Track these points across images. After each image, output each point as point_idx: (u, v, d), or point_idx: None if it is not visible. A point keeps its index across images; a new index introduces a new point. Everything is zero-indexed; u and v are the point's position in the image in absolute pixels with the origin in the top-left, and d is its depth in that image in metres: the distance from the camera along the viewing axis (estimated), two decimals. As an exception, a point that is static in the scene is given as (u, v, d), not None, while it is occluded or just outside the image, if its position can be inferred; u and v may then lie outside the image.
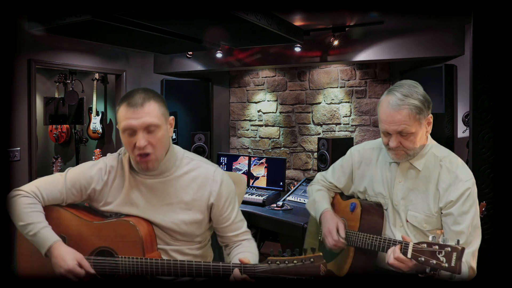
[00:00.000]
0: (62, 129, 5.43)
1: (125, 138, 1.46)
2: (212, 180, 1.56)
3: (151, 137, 1.44)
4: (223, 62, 4.23)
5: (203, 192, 1.55)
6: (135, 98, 1.43)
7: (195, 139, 4.01)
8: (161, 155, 1.49)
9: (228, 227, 1.58)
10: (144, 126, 1.42)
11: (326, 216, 1.73)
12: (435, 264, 1.31)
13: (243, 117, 4.76)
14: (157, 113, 1.45)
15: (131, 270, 1.39)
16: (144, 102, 1.43)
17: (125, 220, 1.48)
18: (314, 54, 3.84)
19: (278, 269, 1.29)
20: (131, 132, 1.43)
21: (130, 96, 1.45)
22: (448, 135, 3.27)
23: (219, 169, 1.62)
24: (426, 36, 3.33)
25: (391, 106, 1.50)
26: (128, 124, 1.42)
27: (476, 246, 1.49)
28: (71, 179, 1.55)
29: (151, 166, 1.47)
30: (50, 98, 4.98)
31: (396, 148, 1.54)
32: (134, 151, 1.45)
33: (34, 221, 1.44)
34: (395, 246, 1.42)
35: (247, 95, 4.72)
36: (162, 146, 1.47)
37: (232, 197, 1.61)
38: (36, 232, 1.43)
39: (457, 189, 1.49)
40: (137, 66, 4.52)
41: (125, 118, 1.43)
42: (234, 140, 4.85)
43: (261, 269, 1.30)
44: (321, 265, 1.28)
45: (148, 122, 1.42)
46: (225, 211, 1.57)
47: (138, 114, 1.41)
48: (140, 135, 1.42)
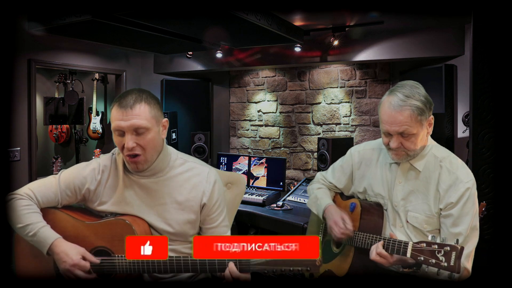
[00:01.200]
0: (62, 129, 5.43)
1: (116, 138, 1.48)
2: (206, 181, 1.57)
3: (139, 139, 1.45)
4: (223, 62, 4.23)
5: (196, 193, 1.55)
6: (127, 99, 1.44)
7: (195, 139, 4.01)
8: (151, 156, 1.49)
9: (214, 229, 1.59)
10: (132, 128, 1.43)
11: (330, 210, 1.73)
12: (435, 263, 1.31)
13: (243, 117, 4.76)
14: (147, 116, 1.45)
15: (128, 269, 1.40)
16: (135, 104, 1.43)
17: (121, 219, 1.49)
18: (314, 54, 3.84)
19: (273, 261, 1.28)
20: (121, 133, 1.45)
21: (122, 97, 1.46)
22: (448, 135, 3.27)
23: (212, 170, 1.63)
24: (426, 36, 3.33)
25: (392, 106, 1.49)
26: (117, 125, 1.44)
27: (472, 248, 1.49)
28: (65, 180, 1.55)
29: (140, 167, 1.48)
30: (50, 98, 4.98)
31: (396, 148, 1.53)
32: (124, 151, 1.47)
33: (32, 222, 1.45)
34: (378, 242, 1.47)
35: (247, 95, 4.72)
36: (151, 148, 1.48)
37: (222, 200, 1.62)
38: (36, 232, 1.43)
39: (457, 190, 1.49)
40: (137, 66, 4.52)
41: (115, 119, 1.45)
42: (234, 140, 4.85)
43: (257, 262, 1.29)
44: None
45: (136, 124, 1.43)
46: (213, 212, 1.58)
47: (127, 115, 1.42)
48: (128, 136, 1.43)
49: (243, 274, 1.31)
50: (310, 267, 1.26)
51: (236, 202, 1.93)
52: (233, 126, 4.84)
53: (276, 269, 1.28)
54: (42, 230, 1.44)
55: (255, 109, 4.67)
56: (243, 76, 4.71)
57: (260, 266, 1.29)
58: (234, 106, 4.81)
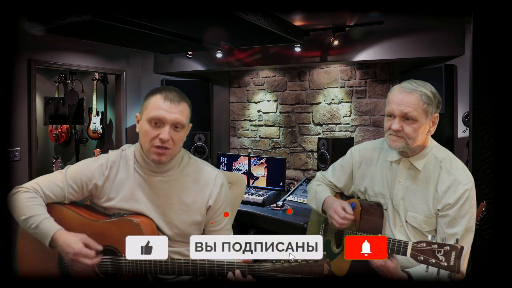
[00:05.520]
0: (62, 129, 5.43)
1: (148, 127, 1.48)
2: (214, 184, 1.58)
3: (174, 134, 1.48)
4: (223, 62, 4.23)
5: (203, 195, 1.56)
6: (173, 93, 1.49)
7: (195, 139, 4.01)
8: (175, 153, 1.53)
9: (217, 232, 1.59)
10: (174, 122, 1.47)
11: (329, 200, 1.73)
12: (434, 263, 1.31)
13: (243, 117, 4.76)
14: (187, 115, 1.51)
15: (134, 269, 1.39)
16: (181, 100, 1.49)
17: (129, 219, 1.49)
18: (314, 54, 3.84)
19: (282, 268, 1.28)
20: (159, 124, 1.46)
21: (168, 90, 1.50)
22: (448, 135, 3.27)
23: (220, 173, 1.63)
24: (426, 36, 3.33)
25: (403, 89, 1.54)
26: (160, 115, 1.45)
27: (467, 249, 1.49)
28: (72, 175, 1.55)
29: (163, 159, 1.49)
30: (50, 98, 4.98)
31: (397, 131, 1.53)
32: (153, 142, 1.47)
33: (35, 214, 1.44)
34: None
35: (247, 95, 4.72)
36: (179, 145, 1.53)
37: (227, 204, 1.62)
38: (38, 224, 1.42)
39: (456, 191, 1.49)
40: (137, 66, 4.52)
41: (158, 109, 1.46)
42: (234, 140, 4.85)
43: (265, 268, 1.30)
44: (325, 264, 1.28)
45: (179, 119, 1.47)
46: (218, 215, 1.58)
47: (173, 109, 1.46)
48: (166, 129, 1.45)
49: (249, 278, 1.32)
50: (318, 275, 1.28)
51: (236, 202, 1.93)
52: (233, 126, 4.84)
53: (284, 276, 1.28)
54: (44, 222, 1.43)
55: (255, 109, 4.67)
56: (243, 76, 4.71)
57: (268, 272, 1.30)
58: (234, 106, 4.81)
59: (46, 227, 1.42)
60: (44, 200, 1.51)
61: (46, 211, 1.48)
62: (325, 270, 1.27)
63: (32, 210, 1.45)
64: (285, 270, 1.28)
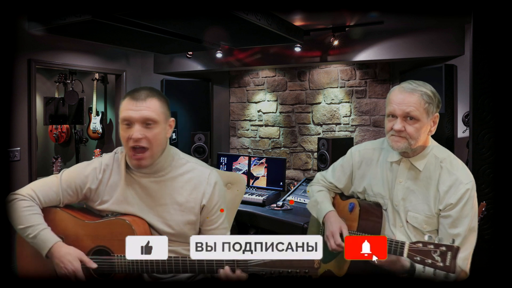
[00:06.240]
0: (62, 129, 5.43)
1: (122, 130, 1.48)
2: (207, 183, 1.57)
3: (147, 132, 1.46)
4: (223, 62, 4.23)
5: (197, 194, 1.55)
6: (140, 92, 1.48)
7: (195, 139, 4.01)
8: (156, 153, 1.50)
9: (212, 231, 1.58)
10: (142, 119, 1.44)
11: (330, 218, 1.73)
12: (431, 263, 1.31)
13: (243, 117, 4.76)
14: (158, 110, 1.48)
15: (127, 268, 1.40)
16: (147, 97, 1.47)
17: (121, 219, 1.49)
18: (314, 54, 3.84)
19: (271, 262, 1.28)
20: (129, 124, 1.46)
21: (136, 90, 1.49)
22: (448, 135, 3.27)
23: (214, 171, 1.62)
24: (426, 36, 3.33)
25: (403, 89, 1.54)
26: (127, 115, 1.45)
27: (470, 250, 1.49)
28: (66, 180, 1.56)
29: (144, 163, 1.48)
30: (50, 98, 4.99)
31: (399, 131, 1.53)
32: (128, 144, 1.46)
33: (33, 224, 1.45)
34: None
35: (247, 95, 4.72)
36: (157, 143, 1.49)
37: (222, 202, 1.61)
38: (36, 234, 1.44)
39: (457, 191, 1.49)
40: (137, 66, 4.52)
41: (126, 109, 1.46)
42: (234, 140, 4.85)
43: (254, 263, 1.29)
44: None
45: (146, 115, 1.45)
46: (213, 214, 1.58)
47: (138, 106, 1.45)
48: (136, 127, 1.44)
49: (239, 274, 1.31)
50: (309, 269, 1.26)
51: (236, 202, 1.92)
52: (233, 126, 4.84)
53: (274, 270, 1.28)
54: (42, 233, 1.44)
55: (255, 109, 4.67)
56: (243, 76, 4.71)
57: (258, 268, 1.29)
58: (234, 106, 4.81)
59: (44, 238, 1.44)
60: (40, 207, 1.52)
61: (43, 220, 1.49)
62: (315, 263, 1.26)
63: (29, 220, 1.46)
64: (274, 264, 1.28)
